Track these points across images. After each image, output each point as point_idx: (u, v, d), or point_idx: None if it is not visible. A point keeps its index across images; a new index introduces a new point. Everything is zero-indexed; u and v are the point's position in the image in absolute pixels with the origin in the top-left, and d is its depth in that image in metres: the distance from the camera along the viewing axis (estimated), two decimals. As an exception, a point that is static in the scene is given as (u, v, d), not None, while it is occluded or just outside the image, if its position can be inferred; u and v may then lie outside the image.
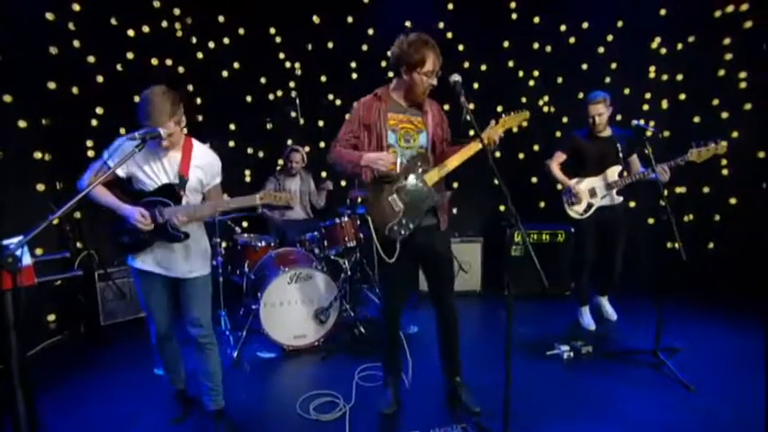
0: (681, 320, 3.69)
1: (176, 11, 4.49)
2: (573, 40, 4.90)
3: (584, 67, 4.91)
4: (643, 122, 3.12)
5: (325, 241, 3.79)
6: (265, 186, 4.38)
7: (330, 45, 4.98)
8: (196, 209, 2.25)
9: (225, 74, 4.81)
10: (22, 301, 1.53)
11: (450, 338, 2.61)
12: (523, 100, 5.07)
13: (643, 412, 2.59)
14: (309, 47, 4.95)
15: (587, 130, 3.59)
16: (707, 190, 4.66)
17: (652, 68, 4.75)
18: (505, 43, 4.99)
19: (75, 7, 3.90)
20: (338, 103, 5.07)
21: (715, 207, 4.65)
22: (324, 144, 5.13)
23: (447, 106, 4.52)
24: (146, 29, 4.30)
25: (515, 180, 4.78)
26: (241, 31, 4.81)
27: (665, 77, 4.74)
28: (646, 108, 4.77)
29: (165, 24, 4.42)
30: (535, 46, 4.97)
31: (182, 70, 4.59)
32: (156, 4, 4.37)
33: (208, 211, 2.33)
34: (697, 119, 4.67)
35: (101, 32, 4.06)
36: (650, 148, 3.04)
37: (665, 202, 2.93)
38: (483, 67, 4.99)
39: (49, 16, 3.78)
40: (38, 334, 3.60)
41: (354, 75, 5.08)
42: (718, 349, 3.34)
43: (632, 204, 3.95)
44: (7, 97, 3.54)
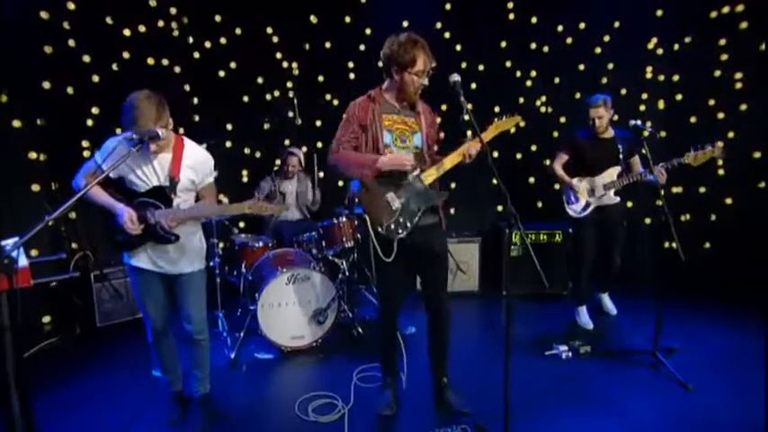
0: (678, 320, 3.70)
1: (173, 10, 4.46)
2: (570, 40, 4.91)
3: (582, 67, 4.92)
4: (640, 122, 3.14)
5: (323, 242, 3.78)
6: (260, 186, 4.37)
7: (327, 45, 4.97)
8: (186, 212, 2.24)
9: (222, 74, 4.79)
10: (18, 303, 1.51)
11: (442, 339, 2.60)
12: (521, 100, 5.08)
13: (642, 412, 2.59)
14: (307, 47, 4.93)
15: (589, 130, 3.60)
16: (703, 190, 4.68)
17: (649, 69, 4.78)
18: (503, 43, 5.00)
19: (71, 6, 3.88)
20: (336, 103, 5.06)
21: (711, 207, 4.68)
22: (321, 144, 5.12)
23: (444, 107, 4.60)
24: (142, 28, 4.27)
25: (512, 180, 4.78)
26: (238, 31, 4.78)
27: (661, 78, 4.77)
28: (642, 108, 4.80)
29: (161, 24, 4.39)
30: (532, 46, 4.98)
31: (178, 70, 4.56)
32: (152, 3, 4.34)
33: (198, 215, 2.32)
34: (693, 119, 4.70)
35: (96, 32, 4.03)
36: (647, 148, 3.05)
37: (662, 202, 2.94)
38: (480, 68, 5.00)
39: (44, 15, 3.75)
40: (33, 336, 3.57)
41: (352, 75, 5.07)
42: (715, 349, 3.35)
43: (630, 204, 3.97)
44: (2, 97, 3.51)
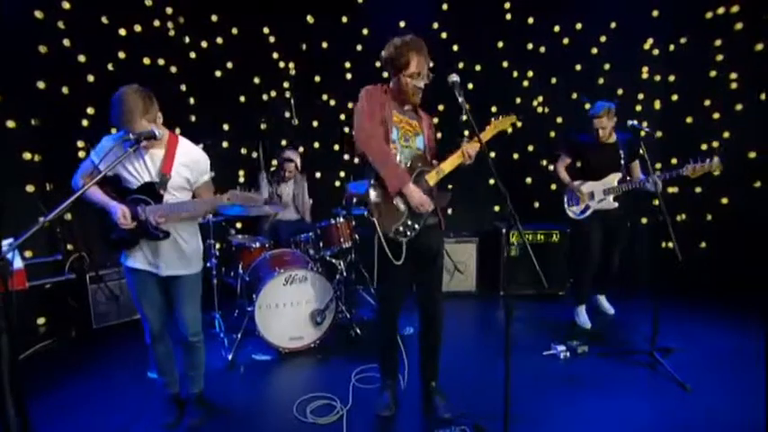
0: (674, 320, 3.72)
1: (168, 10, 4.43)
2: (567, 40, 4.92)
3: (578, 67, 4.93)
4: (637, 123, 3.15)
5: (321, 242, 3.77)
6: (260, 185, 4.34)
7: (324, 45, 4.95)
8: (174, 207, 2.22)
9: (218, 74, 4.76)
10: (13, 306, 1.49)
11: (434, 340, 2.59)
12: (518, 100, 5.09)
13: (641, 412, 2.60)
14: (303, 47, 4.92)
15: (593, 136, 3.61)
16: (699, 190, 4.70)
17: (645, 69, 4.80)
18: (500, 44, 5.00)
19: (65, 5, 3.84)
20: (332, 103, 5.05)
21: (707, 207, 4.70)
22: (318, 144, 5.11)
23: (442, 107, 4.60)
24: (137, 28, 4.24)
25: (509, 180, 4.68)
26: (234, 31, 4.76)
27: (657, 78, 4.79)
28: (639, 109, 4.81)
29: (157, 23, 4.37)
30: (529, 46, 4.99)
31: (174, 70, 4.53)
32: (148, 2, 4.31)
33: (181, 210, 2.27)
34: (689, 119, 4.72)
35: (91, 31, 4.00)
36: (645, 148, 3.06)
37: (659, 201, 2.95)
38: (477, 68, 5.00)
39: (38, 14, 3.72)
40: (28, 337, 3.53)
41: (349, 75, 5.05)
42: (712, 348, 3.36)
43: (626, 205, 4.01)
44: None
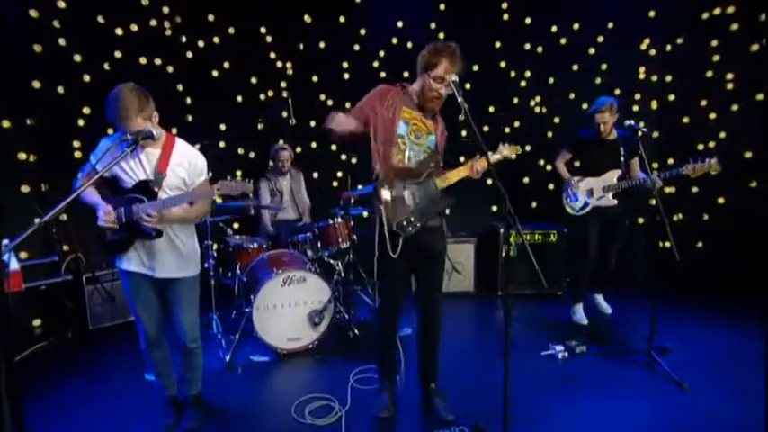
0: (672, 319, 3.73)
1: (165, 9, 4.41)
2: (564, 40, 4.93)
3: (575, 67, 4.95)
4: (634, 123, 3.16)
5: (319, 243, 3.76)
6: (259, 188, 4.31)
7: (322, 45, 4.94)
8: (166, 202, 2.19)
9: (215, 73, 4.74)
10: (9, 308, 1.47)
11: (433, 341, 2.59)
12: (515, 100, 5.10)
13: (639, 412, 2.60)
14: (301, 46, 4.91)
15: (593, 131, 3.63)
16: (695, 190, 4.72)
17: (642, 69, 4.82)
18: (497, 44, 5.01)
19: (61, 4, 3.82)
20: (330, 103, 5.04)
21: (704, 207, 4.72)
22: (315, 144, 5.10)
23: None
24: (134, 27, 4.22)
25: (507, 180, 4.72)
26: (231, 31, 4.74)
27: (654, 78, 4.81)
28: (636, 109, 4.83)
29: (153, 23, 4.34)
30: (527, 47, 5.00)
31: (171, 70, 4.51)
32: (145, 2, 4.29)
33: (178, 205, 2.24)
34: (686, 119, 4.74)
35: (87, 30, 3.97)
36: (642, 148, 3.07)
37: (656, 201, 2.96)
38: (475, 68, 5.00)
39: (33, 13, 3.69)
40: (24, 339, 3.50)
41: (346, 75, 5.05)
42: (709, 348, 3.37)
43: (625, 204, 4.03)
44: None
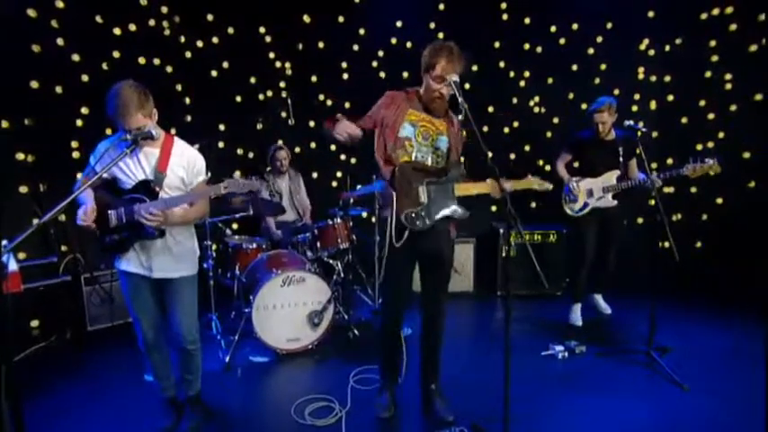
0: (671, 319, 3.73)
1: (164, 9, 4.39)
2: (563, 41, 4.93)
3: (575, 67, 4.95)
4: (633, 123, 3.16)
5: (318, 243, 3.76)
6: (260, 189, 4.30)
7: (321, 45, 4.93)
8: (170, 201, 2.18)
9: (214, 73, 4.73)
10: (8, 309, 1.46)
11: (435, 341, 2.58)
12: (514, 100, 5.10)
13: (639, 411, 2.60)
14: (300, 46, 4.90)
15: (592, 131, 3.63)
16: (694, 190, 4.73)
17: (641, 70, 4.82)
18: (496, 44, 5.01)
19: (59, 4, 3.80)
20: (329, 103, 5.03)
21: (702, 207, 4.73)
22: (314, 144, 5.09)
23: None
24: (132, 27, 4.20)
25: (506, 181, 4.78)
26: (230, 30, 4.73)
27: (653, 78, 4.82)
28: (635, 109, 4.84)
29: (152, 23, 4.33)
30: (526, 47, 4.99)
31: (170, 70, 4.50)
32: (143, 1, 4.27)
33: (182, 204, 2.24)
34: (684, 119, 4.75)
35: (85, 30, 3.95)
36: (642, 148, 3.08)
37: (656, 201, 2.96)
38: (474, 68, 4.99)
39: (31, 13, 3.67)
40: (23, 340, 3.48)
41: (345, 75, 5.04)
42: (708, 347, 3.38)
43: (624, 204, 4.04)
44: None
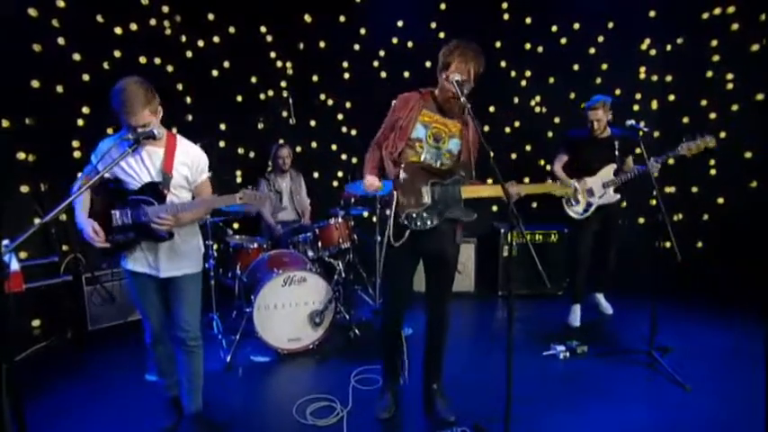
0: (672, 319, 3.73)
1: (165, 8, 4.39)
2: (564, 40, 4.93)
3: (576, 67, 4.94)
4: (635, 122, 3.16)
5: (319, 243, 3.75)
6: (259, 188, 4.30)
7: (322, 44, 4.93)
8: (180, 207, 2.17)
9: (215, 73, 4.73)
10: (10, 309, 1.46)
11: (438, 342, 2.58)
12: (515, 100, 5.09)
13: (640, 412, 2.60)
14: (301, 46, 4.90)
15: (587, 130, 3.62)
16: (695, 190, 4.73)
17: (642, 69, 4.82)
18: (498, 43, 5.00)
19: (60, 3, 3.79)
20: (330, 102, 5.03)
21: (703, 207, 4.73)
22: (315, 144, 5.09)
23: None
24: (133, 26, 4.19)
25: (507, 181, 4.77)
26: (231, 30, 4.73)
27: (654, 78, 4.81)
28: (636, 108, 4.83)
29: (153, 22, 4.32)
30: (527, 46, 4.99)
31: (171, 69, 4.49)
32: (144, 1, 4.27)
33: (194, 209, 2.24)
34: (686, 119, 4.74)
35: (86, 29, 3.94)
36: (643, 147, 3.07)
37: (657, 201, 2.96)
38: (475, 68, 4.99)
39: (32, 12, 3.66)
40: (24, 340, 3.48)
41: (346, 74, 5.04)
42: (709, 347, 3.38)
43: (624, 204, 4.03)
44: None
